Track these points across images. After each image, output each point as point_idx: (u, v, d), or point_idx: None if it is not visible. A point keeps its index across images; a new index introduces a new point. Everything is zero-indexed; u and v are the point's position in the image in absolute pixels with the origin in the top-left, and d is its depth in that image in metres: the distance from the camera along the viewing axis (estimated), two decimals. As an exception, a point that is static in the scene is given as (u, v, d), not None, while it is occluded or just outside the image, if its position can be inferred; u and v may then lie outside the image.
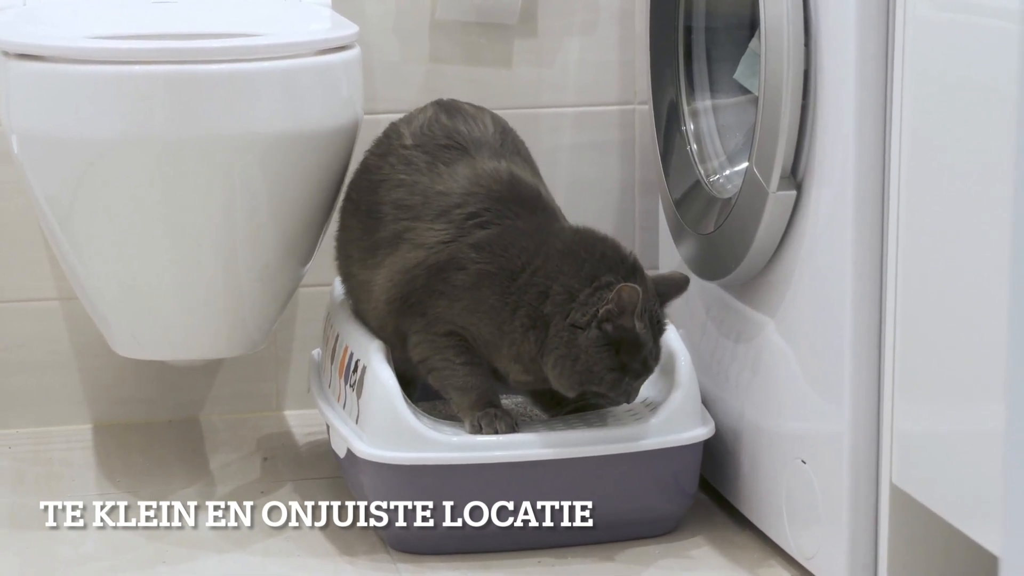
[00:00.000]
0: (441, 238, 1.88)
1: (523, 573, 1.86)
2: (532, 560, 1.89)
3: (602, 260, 1.83)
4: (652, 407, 1.94)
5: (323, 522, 1.99)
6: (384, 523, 1.89)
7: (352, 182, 2.02)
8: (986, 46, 1.49)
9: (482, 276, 1.85)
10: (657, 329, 1.85)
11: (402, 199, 1.92)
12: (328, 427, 2.01)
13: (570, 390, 1.85)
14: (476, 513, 1.88)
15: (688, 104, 2.06)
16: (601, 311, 1.80)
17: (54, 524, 1.98)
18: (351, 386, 1.95)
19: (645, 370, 1.84)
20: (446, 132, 1.94)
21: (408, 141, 1.96)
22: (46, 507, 2.02)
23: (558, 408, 1.97)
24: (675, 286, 1.89)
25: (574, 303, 1.81)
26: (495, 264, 1.85)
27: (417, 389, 2.05)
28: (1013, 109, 1.18)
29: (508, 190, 1.89)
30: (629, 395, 1.84)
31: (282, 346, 2.35)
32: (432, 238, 1.88)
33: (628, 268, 1.84)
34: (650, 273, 1.89)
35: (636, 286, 1.79)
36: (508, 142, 1.97)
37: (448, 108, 1.98)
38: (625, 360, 1.82)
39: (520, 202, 1.88)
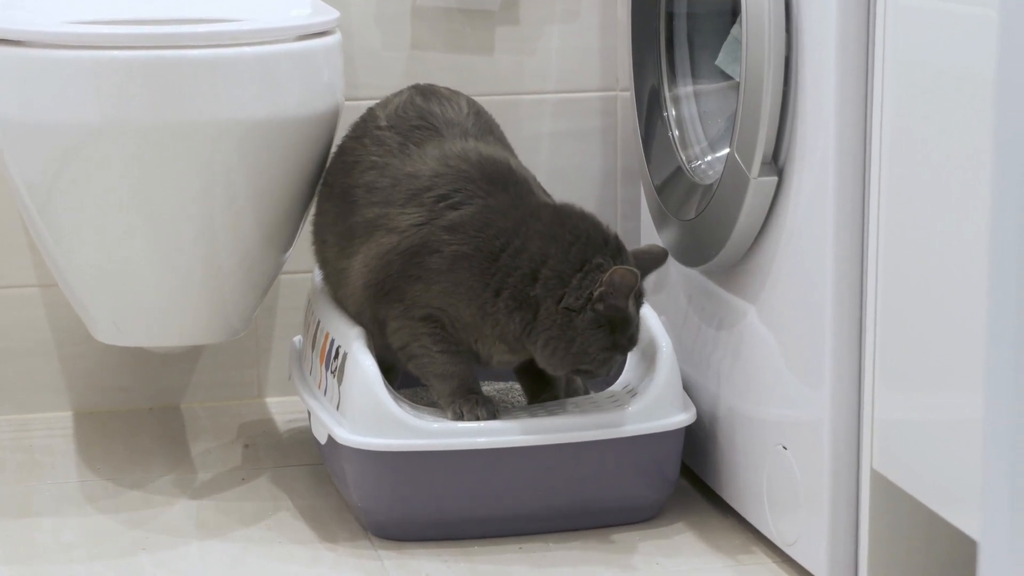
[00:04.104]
0: (413, 221, 1.88)
1: (504, 559, 1.86)
2: (513, 546, 1.89)
3: (588, 242, 1.84)
4: (633, 393, 1.94)
5: (304, 509, 1.99)
6: (365, 509, 1.89)
7: (329, 165, 2.02)
8: (966, 33, 1.49)
9: (458, 258, 1.85)
10: (639, 303, 1.87)
11: (373, 181, 1.92)
12: (309, 414, 2.01)
13: (560, 370, 1.86)
14: (457, 500, 1.88)
15: (670, 90, 2.06)
16: (595, 293, 1.81)
17: (33, 512, 1.98)
18: (332, 373, 1.95)
19: (631, 344, 1.86)
20: (420, 113, 1.95)
21: (383, 123, 1.96)
22: (26, 495, 2.02)
23: (543, 387, 1.97)
24: (654, 260, 1.91)
25: (567, 287, 1.82)
26: (471, 245, 1.85)
27: (398, 376, 2.05)
28: (992, 96, 1.19)
29: (477, 169, 1.89)
30: (611, 368, 1.88)
31: (263, 333, 2.35)
32: (404, 222, 1.88)
33: (613, 248, 1.85)
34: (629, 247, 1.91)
35: (632, 269, 1.82)
36: (481, 123, 1.97)
37: (424, 91, 1.99)
38: (616, 338, 1.83)
39: (490, 180, 1.88)
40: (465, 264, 1.85)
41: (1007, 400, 1.19)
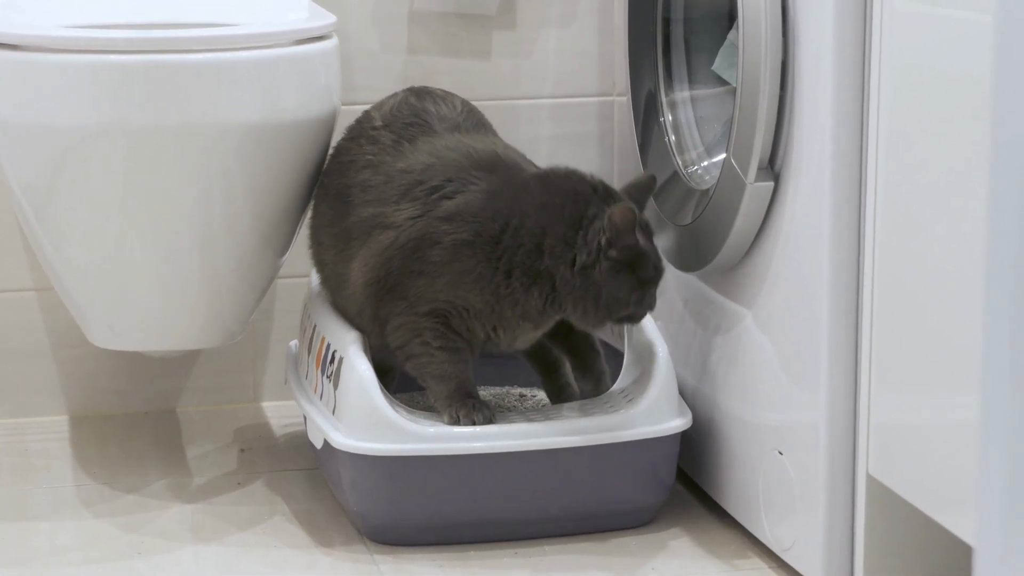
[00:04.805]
0: (409, 215, 1.88)
1: (500, 564, 1.86)
2: (509, 551, 1.89)
3: (577, 197, 1.85)
4: (629, 398, 1.94)
5: (300, 513, 1.99)
6: (361, 514, 1.89)
7: (325, 167, 2.02)
8: (962, 37, 1.49)
9: (460, 246, 1.85)
10: (649, 235, 1.88)
11: (367, 180, 1.93)
12: (305, 418, 2.01)
13: (599, 326, 1.88)
14: (453, 504, 1.87)
15: (666, 95, 2.06)
16: (603, 242, 1.82)
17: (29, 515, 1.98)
18: (328, 377, 1.94)
19: (658, 274, 1.87)
20: (413, 111, 1.96)
21: (378, 123, 1.97)
22: (21, 498, 2.02)
23: (560, 383, 1.99)
24: (644, 188, 1.92)
25: (574, 249, 1.83)
26: (470, 231, 1.85)
27: (395, 380, 2.05)
28: (988, 100, 1.19)
29: (466, 157, 1.90)
30: (651, 304, 1.87)
31: (259, 337, 2.35)
32: (400, 216, 1.89)
33: (603, 194, 1.86)
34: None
35: (628, 205, 1.83)
36: (474, 119, 1.99)
37: (418, 92, 2.00)
38: (639, 275, 1.84)
39: (480, 166, 1.89)
40: (468, 251, 1.85)
41: (1003, 405, 1.19)
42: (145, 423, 2.30)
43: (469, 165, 1.89)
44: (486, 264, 1.85)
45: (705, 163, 2.01)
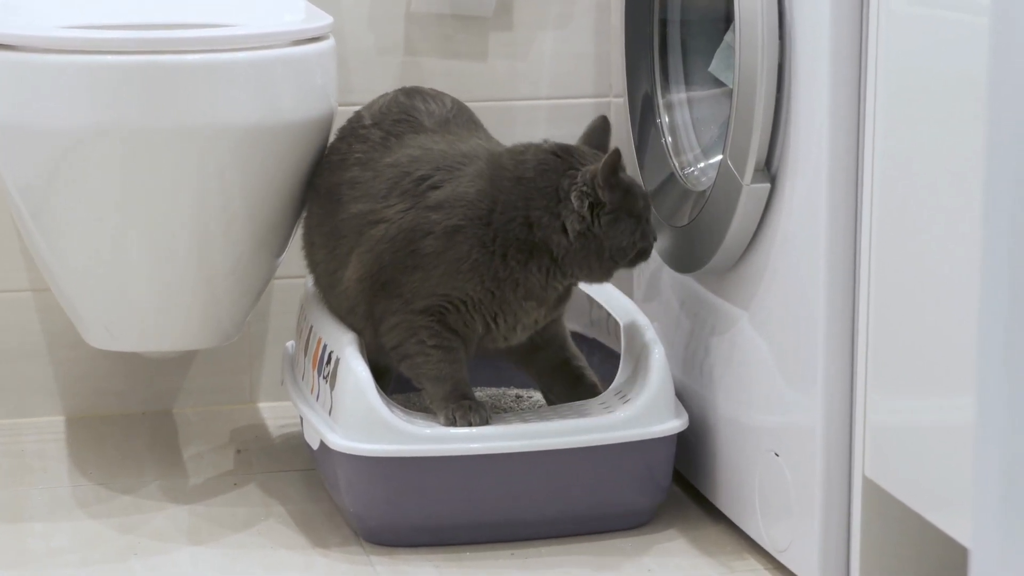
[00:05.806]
0: (399, 208, 1.88)
1: (496, 565, 1.86)
2: (505, 552, 1.89)
3: (545, 169, 1.86)
4: (626, 399, 1.94)
5: (296, 514, 1.99)
6: (357, 515, 1.89)
7: (316, 168, 2.03)
8: (957, 40, 1.49)
9: (451, 233, 1.85)
10: (623, 170, 1.88)
11: (356, 177, 1.94)
12: (301, 419, 2.01)
13: (606, 277, 1.89)
14: (450, 505, 1.88)
15: (663, 97, 2.06)
16: (593, 201, 1.83)
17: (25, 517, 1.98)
18: (324, 378, 1.94)
19: (648, 205, 1.89)
20: (402, 109, 1.97)
21: (367, 122, 1.98)
22: (18, 499, 2.02)
23: (558, 384, 1.99)
24: (601, 131, 1.93)
25: (560, 219, 1.84)
26: (460, 216, 1.86)
27: (391, 381, 2.05)
28: (984, 102, 1.19)
29: (450, 147, 1.90)
30: (654, 234, 1.89)
31: (256, 338, 2.35)
32: (390, 211, 1.89)
33: (566, 156, 1.87)
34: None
35: (595, 152, 1.85)
36: (464, 117, 1.99)
37: (408, 91, 2.02)
38: (634, 212, 1.86)
39: (464, 154, 1.90)
40: (460, 237, 1.85)
41: (999, 407, 1.19)
42: (141, 424, 2.30)
43: (455, 153, 1.90)
44: (480, 249, 1.85)
45: (702, 165, 2.01)
